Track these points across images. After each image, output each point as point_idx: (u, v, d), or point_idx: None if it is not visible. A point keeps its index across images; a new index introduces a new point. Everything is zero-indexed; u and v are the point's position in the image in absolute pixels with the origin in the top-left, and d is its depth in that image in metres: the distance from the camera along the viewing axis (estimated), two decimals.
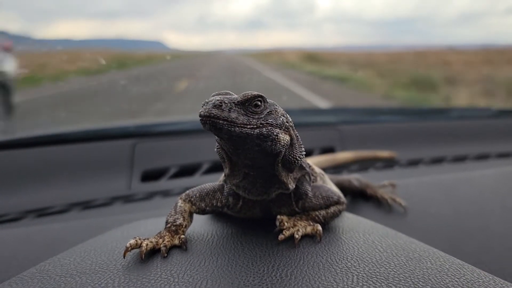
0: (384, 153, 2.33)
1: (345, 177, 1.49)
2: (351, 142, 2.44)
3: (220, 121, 0.78)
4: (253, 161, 0.86)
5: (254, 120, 0.81)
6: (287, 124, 0.88)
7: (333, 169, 2.09)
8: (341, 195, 1.06)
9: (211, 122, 0.78)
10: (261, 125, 0.81)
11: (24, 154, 2.00)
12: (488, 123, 2.87)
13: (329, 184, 1.17)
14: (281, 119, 0.86)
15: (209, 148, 0.92)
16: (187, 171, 2.11)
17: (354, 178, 1.49)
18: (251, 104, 0.82)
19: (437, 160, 2.31)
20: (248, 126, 0.80)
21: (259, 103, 0.83)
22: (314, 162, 1.55)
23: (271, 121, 0.83)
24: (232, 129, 0.78)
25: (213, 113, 0.77)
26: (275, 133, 0.83)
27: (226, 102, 0.80)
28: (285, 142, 0.86)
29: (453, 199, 1.48)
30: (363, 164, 2.21)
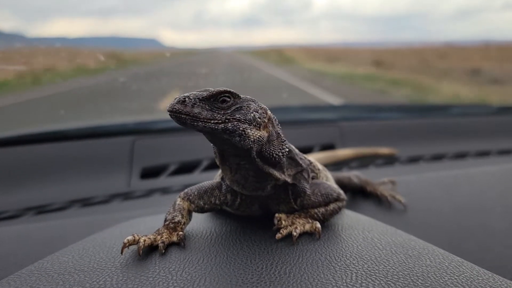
0: (384, 150, 2.33)
1: (345, 174, 1.49)
2: (351, 139, 2.43)
3: (183, 116, 0.81)
4: (235, 150, 0.87)
5: (218, 116, 0.83)
6: (260, 120, 0.87)
7: (333, 166, 2.09)
8: (341, 191, 1.06)
9: (175, 117, 0.81)
10: (226, 120, 0.83)
11: (23, 151, 2.00)
12: (489, 120, 2.86)
13: (330, 180, 1.16)
14: (252, 115, 0.86)
15: (208, 145, 0.92)
16: (186, 168, 2.11)
17: (354, 175, 1.48)
18: (217, 99, 0.84)
19: (438, 157, 2.31)
20: (212, 121, 0.82)
21: (227, 99, 0.84)
22: (314, 158, 1.55)
23: (239, 117, 0.84)
24: (195, 123, 0.81)
25: (175, 108, 0.81)
26: (241, 128, 0.83)
27: (191, 97, 0.83)
28: (256, 137, 0.85)
29: (453, 196, 1.48)
30: (363, 161, 2.21)
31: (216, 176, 1.08)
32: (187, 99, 0.82)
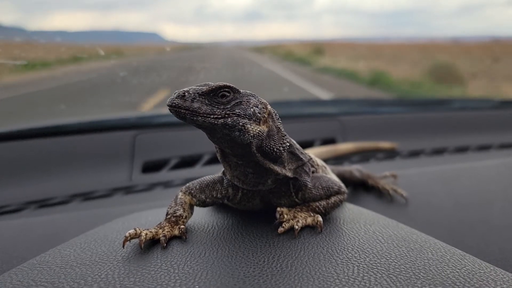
0: (385, 144, 2.33)
1: (347, 168, 1.49)
2: (352, 133, 2.43)
3: (182, 111, 0.81)
4: (232, 149, 0.87)
5: (218, 110, 0.83)
6: (260, 115, 0.87)
7: (334, 160, 2.09)
8: (342, 184, 1.06)
9: (175, 111, 0.82)
10: (226, 115, 0.82)
11: (25, 146, 2.00)
12: (490, 113, 2.85)
13: (330, 175, 1.16)
14: (251, 109, 0.85)
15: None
16: (188, 162, 2.11)
17: (356, 169, 1.48)
18: (217, 94, 0.84)
19: (439, 151, 2.31)
20: (212, 116, 0.82)
21: (227, 94, 0.84)
22: (315, 153, 1.55)
23: (238, 112, 0.84)
24: (195, 118, 0.81)
25: (175, 103, 0.81)
26: (241, 123, 0.83)
27: (191, 92, 0.83)
28: (256, 132, 0.85)
29: (454, 190, 1.48)
30: (364, 155, 2.20)
31: None
32: (186, 93, 0.82)
